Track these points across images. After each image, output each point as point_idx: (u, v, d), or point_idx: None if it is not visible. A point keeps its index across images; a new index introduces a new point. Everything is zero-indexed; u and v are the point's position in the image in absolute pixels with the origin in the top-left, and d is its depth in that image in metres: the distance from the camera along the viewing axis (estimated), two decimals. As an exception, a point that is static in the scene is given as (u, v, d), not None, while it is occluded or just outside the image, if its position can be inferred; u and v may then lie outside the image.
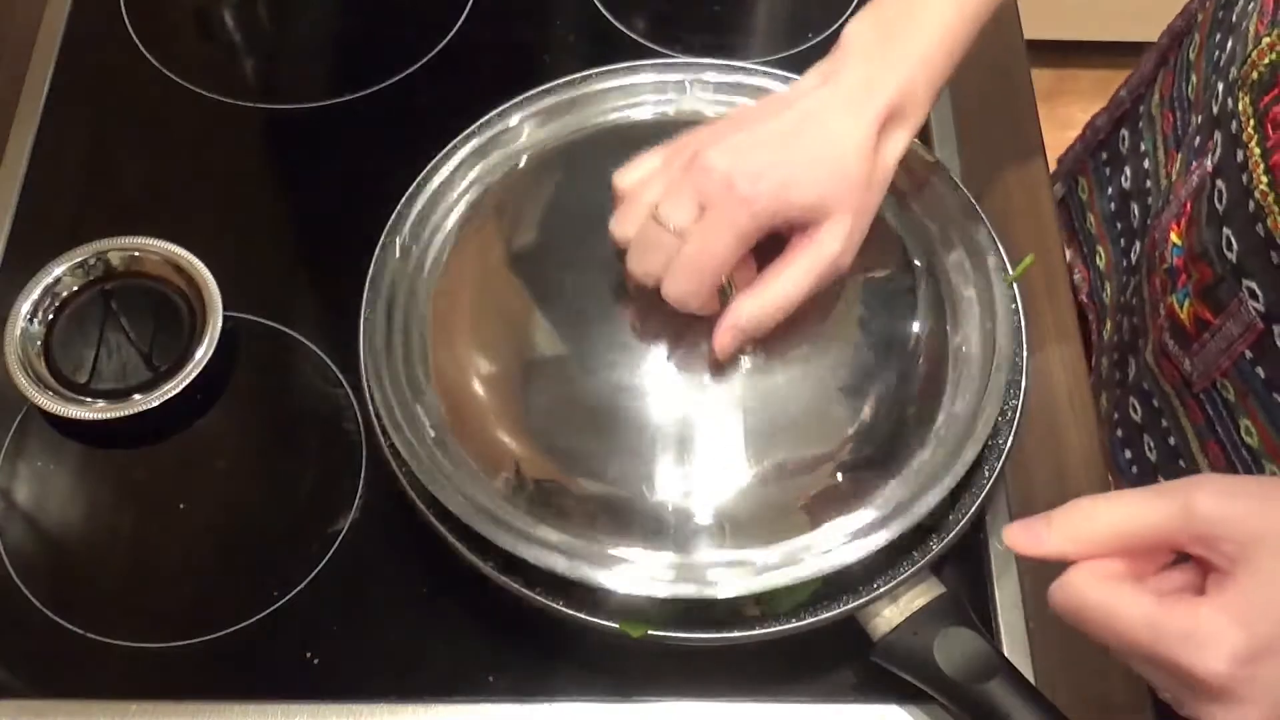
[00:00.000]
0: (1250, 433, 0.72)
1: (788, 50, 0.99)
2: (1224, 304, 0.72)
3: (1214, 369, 0.73)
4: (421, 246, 0.80)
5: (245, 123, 0.96)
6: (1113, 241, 0.91)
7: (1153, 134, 0.90)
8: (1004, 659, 0.70)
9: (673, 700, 0.75)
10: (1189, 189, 0.76)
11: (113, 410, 0.80)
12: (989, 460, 0.74)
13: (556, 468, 0.72)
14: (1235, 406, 0.73)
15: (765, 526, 0.70)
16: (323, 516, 0.80)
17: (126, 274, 0.85)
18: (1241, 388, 0.72)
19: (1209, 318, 0.73)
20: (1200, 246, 0.73)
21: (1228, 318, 0.71)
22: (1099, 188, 0.94)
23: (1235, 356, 0.71)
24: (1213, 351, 0.73)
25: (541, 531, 0.70)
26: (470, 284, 0.79)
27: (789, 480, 0.71)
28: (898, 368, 0.75)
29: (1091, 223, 0.94)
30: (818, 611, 0.70)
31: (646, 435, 0.71)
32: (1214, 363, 0.73)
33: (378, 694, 0.74)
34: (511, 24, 1.00)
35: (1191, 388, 0.76)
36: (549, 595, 0.70)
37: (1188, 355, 0.76)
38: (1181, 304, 0.75)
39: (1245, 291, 0.69)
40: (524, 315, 0.77)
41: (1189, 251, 0.75)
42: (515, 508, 0.71)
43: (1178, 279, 0.76)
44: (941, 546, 0.72)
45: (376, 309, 0.77)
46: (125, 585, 0.78)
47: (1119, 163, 0.90)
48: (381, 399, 0.74)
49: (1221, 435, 0.75)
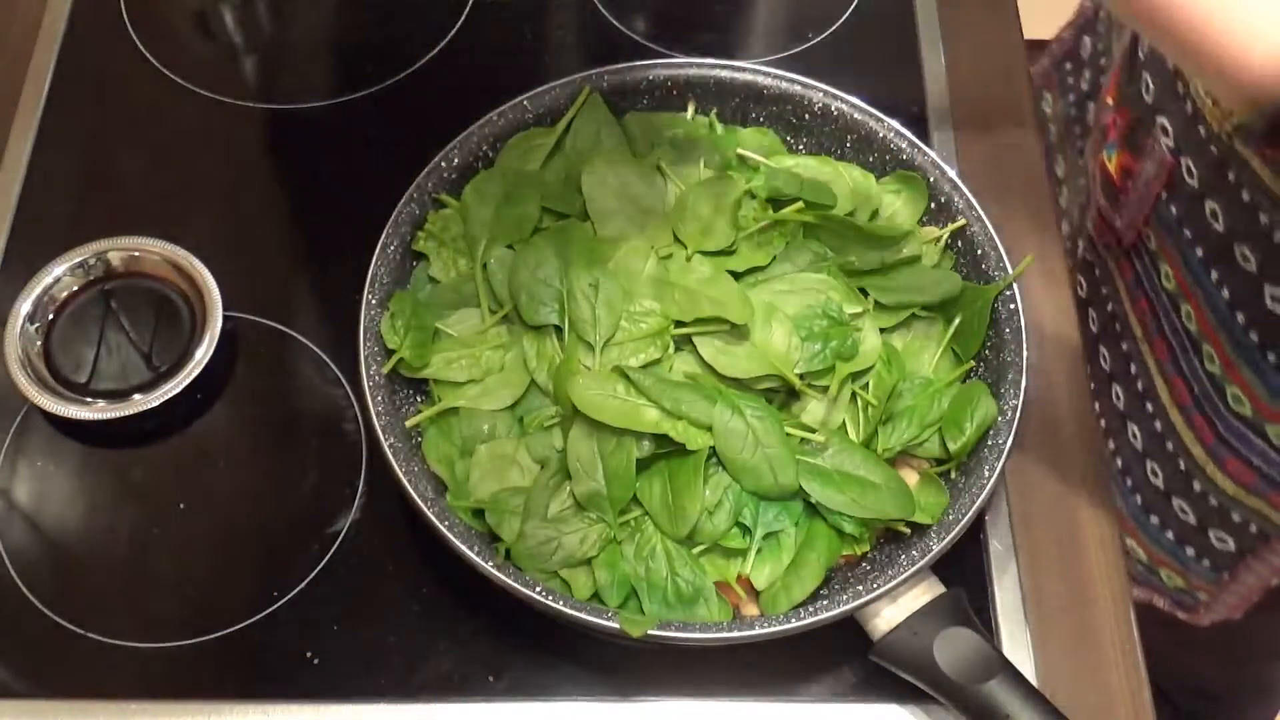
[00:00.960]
0: (1169, 278, 0.75)
1: (788, 50, 0.99)
2: (1141, 146, 0.75)
3: (1138, 218, 0.77)
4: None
5: (245, 123, 0.96)
6: (1070, 145, 0.94)
7: (1106, 34, 0.91)
8: (1004, 659, 0.70)
9: (673, 700, 0.75)
10: (1120, 48, 0.81)
11: (113, 410, 0.80)
12: (989, 460, 0.74)
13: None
14: (1156, 254, 0.76)
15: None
16: (323, 516, 0.80)
17: (126, 274, 0.85)
18: (1160, 234, 0.75)
19: (1130, 164, 0.77)
20: (1124, 97, 0.77)
21: (1145, 158, 0.75)
22: (1061, 95, 0.96)
23: (1154, 200, 0.75)
24: (1135, 199, 0.76)
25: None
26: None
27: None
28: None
29: (1053, 133, 0.96)
30: (818, 611, 0.70)
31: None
32: (1138, 211, 0.76)
33: (378, 694, 0.74)
34: (511, 24, 1.00)
35: (1122, 243, 0.79)
36: (549, 595, 0.70)
37: (1117, 211, 0.79)
38: (1110, 157, 0.79)
39: (1159, 129, 0.73)
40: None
41: (1116, 104, 0.79)
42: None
43: (1107, 135, 0.80)
44: (941, 546, 0.72)
45: (376, 309, 0.77)
46: (125, 585, 0.78)
47: (1079, 68, 0.92)
48: (382, 399, 0.74)
49: (1147, 288, 0.78)
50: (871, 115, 0.85)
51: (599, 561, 0.73)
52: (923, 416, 0.77)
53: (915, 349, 0.80)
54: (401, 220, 0.80)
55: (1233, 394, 0.75)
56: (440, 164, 0.82)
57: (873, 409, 0.76)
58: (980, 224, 0.81)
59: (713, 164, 0.84)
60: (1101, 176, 0.80)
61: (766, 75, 0.86)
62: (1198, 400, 0.75)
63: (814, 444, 0.74)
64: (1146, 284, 0.78)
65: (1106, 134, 0.80)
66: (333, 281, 0.88)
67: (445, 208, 0.83)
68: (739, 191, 0.81)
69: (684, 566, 0.72)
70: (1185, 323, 0.74)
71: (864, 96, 0.85)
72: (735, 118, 0.88)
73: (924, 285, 0.80)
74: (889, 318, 0.80)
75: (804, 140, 0.87)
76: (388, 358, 0.77)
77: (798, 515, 0.74)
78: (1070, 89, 0.93)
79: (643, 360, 0.75)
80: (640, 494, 0.73)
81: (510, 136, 0.84)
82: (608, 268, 0.79)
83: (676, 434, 0.72)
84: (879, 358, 0.77)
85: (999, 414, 0.76)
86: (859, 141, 0.85)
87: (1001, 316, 0.79)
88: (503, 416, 0.77)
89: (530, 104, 0.85)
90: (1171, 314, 0.76)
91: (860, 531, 0.74)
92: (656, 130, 0.86)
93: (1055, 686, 0.75)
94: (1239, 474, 0.78)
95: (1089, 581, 0.79)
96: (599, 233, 0.81)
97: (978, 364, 0.80)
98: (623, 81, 0.86)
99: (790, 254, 0.80)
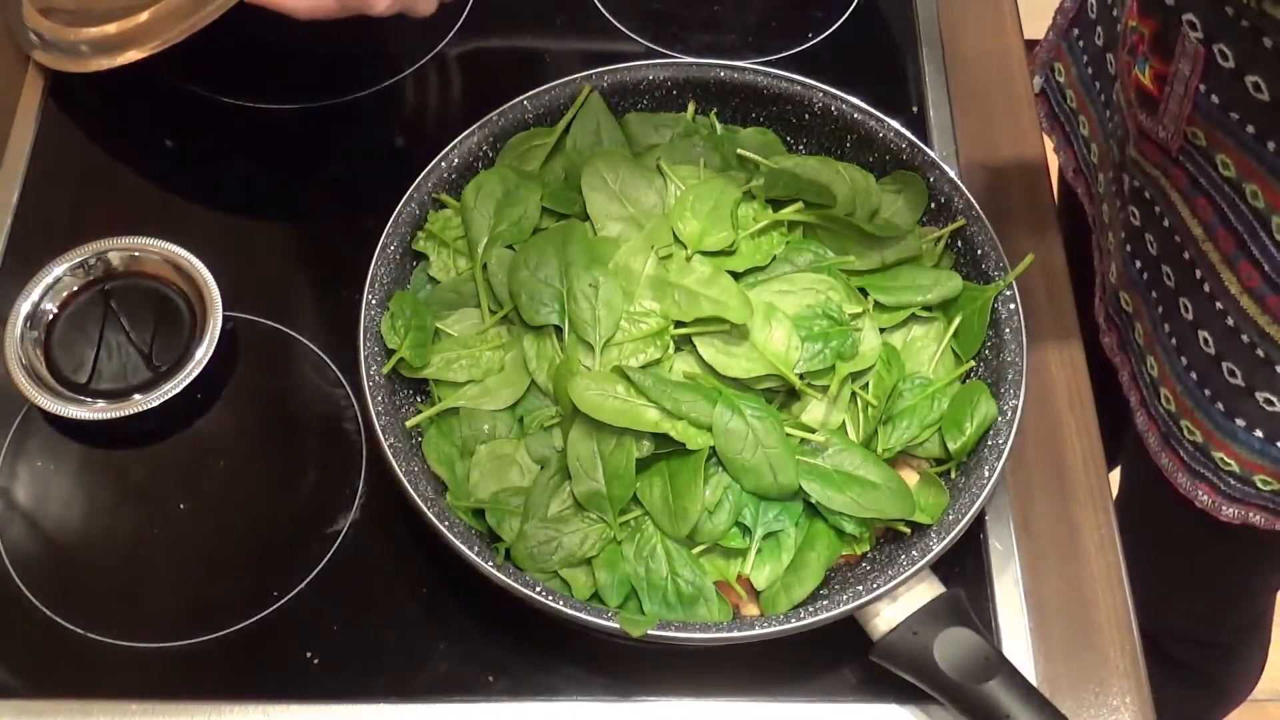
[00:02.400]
0: (1227, 166, 0.75)
1: (788, 50, 0.99)
2: (1172, 47, 0.75)
3: (1181, 119, 0.76)
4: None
5: (245, 122, 0.96)
6: (1092, 103, 0.94)
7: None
8: (1004, 659, 0.70)
9: (673, 700, 0.75)
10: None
11: (113, 410, 0.80)
12: (989, 460, 0.74)
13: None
14: (1208, 149, 0.76)
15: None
16: (323, 516, 0.80)
17: (126, 274, 0.85)
18: (1207, 127, 0.75)
19: (1163, 69, 0.76)
20: (1146, 9, 0.77)
21: (1178, 59, 0.75)
22: (1074, 60, 0.96)
23: (1193, 96, 0.74)
24: (1174, 102, 0.76)
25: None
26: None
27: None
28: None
29: (1071, 98, 0.97)
30: (818, 611, 0.70)
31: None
32: (1179, 113, 0.76)
33: (378, 694, 0.74)
34: (511, 24, 1.00)
35: (1170, 152, 0.79)
36: (549, 595, 0.70)
37: (1158, 121, 0.78)
38: (1143, 71, 0.78)
39: (1186, 26, 0.73)
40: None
41: (1140, 16, 0.79)
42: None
43: (1137, 51, 0.80)
44: (941, 546, 0.72)
45: (376, 309, 0.77)
46: (125, 585, 0.78)
47: (1089, 28, 0.93)
48: (382, 399, 0.74)
49: (1205, 186, 0.77)
50: (871, 115, 0.85)
51: (599, 561, 0.73)
52: (923, 416, 0.77)
53: (915, 349, 0.80)
54: (401, 220, 0.80)
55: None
56: (440, 164, 0.82)
57: (873, 409, 0.76)
58: (980, 224, 0.81)
59: (713, 164, 0.84)
60: (1138, 93, 0.81)
61: (766, 75, 0.86)
62: (1271, 281, 0.76)
63: (814, 444, 0.74)
64: (1204, 181, 0.78)
65: (1136, 52, 0.80)
66: (333, 281, 0.88)
67: (445, 208, 0.83)
68: (739, 191, 0.81)
69: (684, 566, 0.72)
70: (1252, 202, 0.75)
71: (864, 96, 0.85)
72: (735, 118, 0.88)
73: (924, 285, 0.80)
74: (889, 318, 0.80)
75: (804, 140, 0.87)
76: (388, 358, 0.77)
77: (798, 515, 0.74)
78: (1084, 50, 0.93)
79: (643, 360, 0.75)
80: (640, 494, 0.73)
81: (510, 136, 0.84)
82: (608, 268, 0.79)
83: (677, 434, 0.72)
84: (879, 358, 0.77)
85: (999, 414, 0.76)
86: (859, 141, 0.85)
87: (1001, 316, 0.79)
88: (503, 416, 0.77)
89: (530, 104, 0.85)
90: (1236, 201, 0.76)
91: (860, 531, 0.74)
92: (656, 130, 0.86)
93: (1055, 686, 0.75)
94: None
95: (1089, 581, 0.79)
96: (599, 233, 0.81)
97: (978, 364, 0.80)
98: (623, 81, 0.86)
99: (790, 254, 0.80)
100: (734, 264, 0.79)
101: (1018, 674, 0.69)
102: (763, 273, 0.80)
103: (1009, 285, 0.79)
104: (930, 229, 0.84)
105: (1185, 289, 0.82)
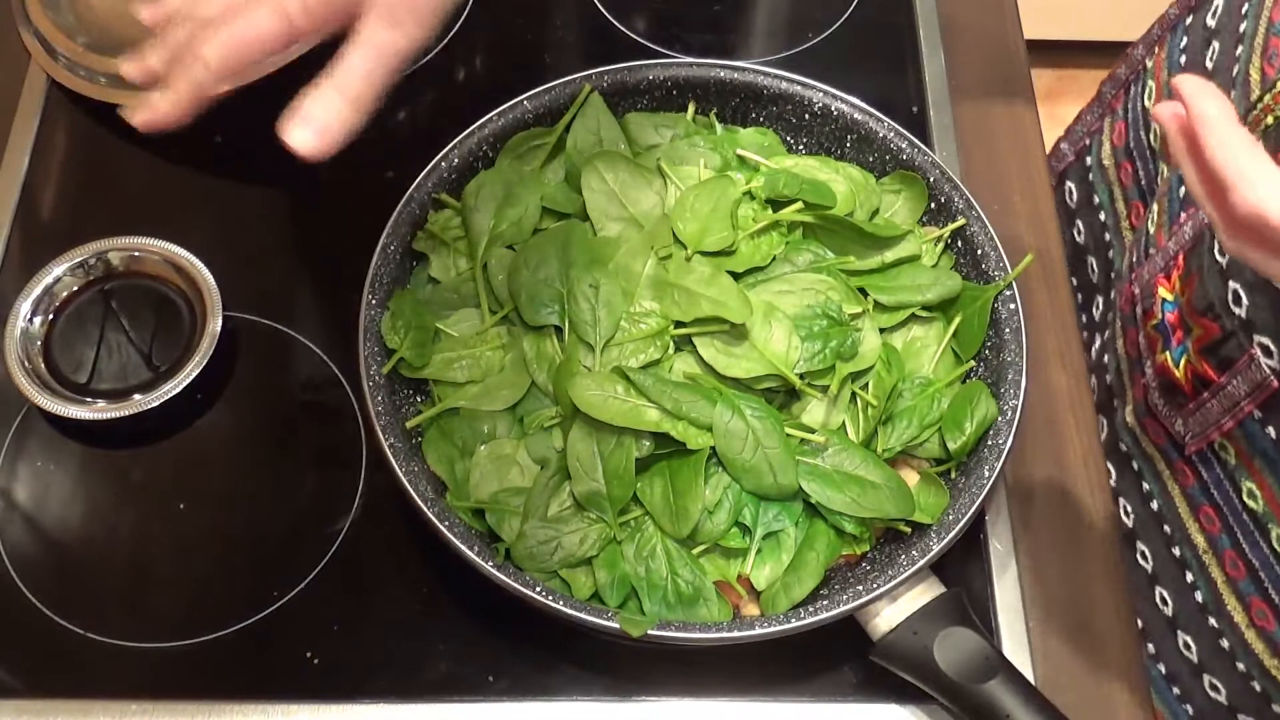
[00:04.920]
0: (1255, 496, 0.69)
1: (788, 50, 0.99)
2: (1231, 361, 0.69)
3: (1213, 429, 0.71)
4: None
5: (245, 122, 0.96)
6: (1099, 255, 0.92)
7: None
8: (1004, 659, 0.70)
9: (673, 700, 0.75)
10: (1180, 241, 0.73)
11: (113, 410, 0.80)
12: (989, 460, 0.74)
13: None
14: (1237, 469, 0.70)
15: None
16: (323, 516, 0.80)
17: (126, 274, 0.85)
18: (1246, 449, 0.69)
19: (1212, 375, 0.70)
20: (1203, 302, 0.70)
21: (1234, 375, 0.68)
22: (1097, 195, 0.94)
23: (1241, 416, 0.68)
24: (1214, 411, 0.70)
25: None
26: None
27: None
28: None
29: (1087, 233, 0.94)
30: (818, 611, 0.70)
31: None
32: (1214, 423, 0.71)
33: (378, 694, 0.74)
34: (511, 24, 1.00)
35: (1183, 450, 0.74)
36: (549, 595, 0.70)
37: (1180, 415, 0.73)
38: (1177, 362, 0.73)
39: (1258, 348, 0.66)
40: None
41: (1187, 307, 0.72)
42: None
43: (1171, 336, 0.74)
44: (941, 546, 0.72)
45: (376, 309, 0.77)
46: (125, 585, 0.78)
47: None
48: (382, 399, 0.74)
49: (1219, 499, 0.72)
50: (871, 115, 0.85)
51: (599, 561, 0.73)
52: (923, 416, 0.77)
53: (915, 349, 0.80)
54: (401, 220, 0.80)
55: None
56: (440, 164, 0.82)
57: (872, 409, 0.76)
58: (980, 224, 0.81)
59: (713, 164, 0.84)
60: (1160, 379, 0.72)
61: (766, 75, 0.86)
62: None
63: (814, 444, 0.75)
64: (1217, 495, 0.71)
65: (1171, 336, 0.72)
66: (333, 281, 0.88)
67: (445, 208, 0.83)
68: (739, 191, 0.81)
69: (684, 566, 0.72)
70: (1277, 546, 0.68)
71: (864, 96, 0.85)
72: (735, 118, 0.88)
73: (924, 285, 0.80)
74: (889, 318, 0.80)
75: (804, 140, 0.87)
76: (388, 358, 0.77)
77: (798, 515, 0.74)
78: (1102, 184, 0.87)
79: (643, 361, 0.75)
80: (641, 494, 0.73)
81: (510, 136, 0.84)
82: (608, 268, 0.79)
83: (677, 434, 0.72)
84: (879, 358, 0.77)
85: (999, 414, 0.76)
86: (859, 141, 0.85)
87: (1001, 316, 0.79)
88: (503, 417, 0.77)
89: (530, 104, 0.85)
90: (1254, 533, 0.69)
91: (860, 531, 0.74)
92: (656, 130, 0.86)
93: (1055, 686, 0.75)
94: None
95: (1089, 581, 0.79)
96: (599, 233, 0.81)
97: (978, 364, 0.80)
98: (623, 81, 0.86)
99: (790, 254, 0.80)
100: (734, 264, 0.79)
101: (1018, 674, 0.69)
102: (762, 273, 0.80)
103: (1009, 285, 0.79)
104: (930, 229, 0.84)
105: (1166, 580, 0.75)
